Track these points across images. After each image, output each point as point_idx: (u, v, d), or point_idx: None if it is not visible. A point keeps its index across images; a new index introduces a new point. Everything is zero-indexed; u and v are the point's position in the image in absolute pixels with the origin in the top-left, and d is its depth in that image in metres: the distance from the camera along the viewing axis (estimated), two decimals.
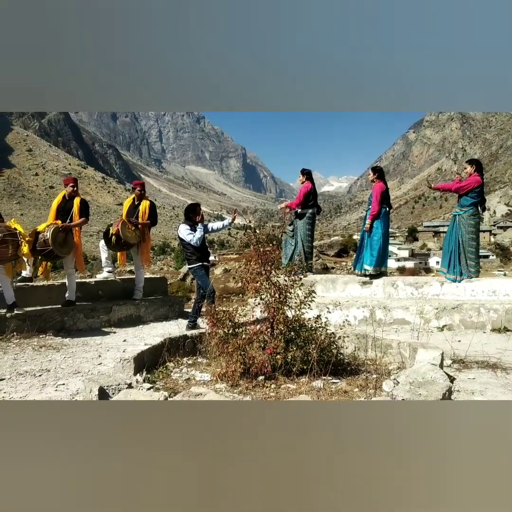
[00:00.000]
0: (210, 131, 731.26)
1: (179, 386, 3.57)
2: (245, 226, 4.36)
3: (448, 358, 4.31)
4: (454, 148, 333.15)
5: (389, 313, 6.58)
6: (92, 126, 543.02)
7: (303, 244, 7.93)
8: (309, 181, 8.10)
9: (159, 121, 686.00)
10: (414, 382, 2.97)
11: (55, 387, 3.97)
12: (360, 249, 7.61)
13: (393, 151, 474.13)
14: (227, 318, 3.99)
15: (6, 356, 5.07)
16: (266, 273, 3.99)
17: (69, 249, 6.57)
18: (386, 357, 4.20)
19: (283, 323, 3.82)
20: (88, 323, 6.83)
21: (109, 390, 3.08)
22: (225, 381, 3.59)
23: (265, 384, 3.54)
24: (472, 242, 6.79)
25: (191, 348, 4.54)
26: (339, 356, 3.91)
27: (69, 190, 6.91)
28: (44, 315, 6.35)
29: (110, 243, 7.43)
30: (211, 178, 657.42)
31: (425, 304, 6.50)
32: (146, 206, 7.81)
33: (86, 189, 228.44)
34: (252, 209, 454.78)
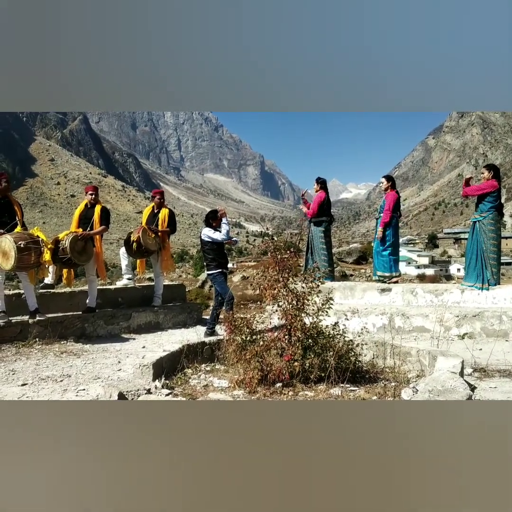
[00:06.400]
0: (228, 139, 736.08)
1: (197, 392, 3.59)
2: (263, 233, 4.36)
3: (469, 367, 4.25)
4: (475, 154, 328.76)
5: (408, 320, 6.51)
6: (112, 135, 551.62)
7: (318, 252, 7.99)
8: (323, 190, 8.15)
9: (178, 129, 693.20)
10: (434, 390, 2.94)
11: (75, 392, 4.03)
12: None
13: (412, 157, 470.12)
14: (245, 325, 4.00)
15: (28, 362, 5.17)
16: (283, 280, 4.00)
17: (88, 257, 6.67)
18: (405, 365, 4.16)
19: (301, 330, 3.81)
20: (108, 329, 6.92)
21: (129, 395, 3.13)
22: (243, 388, 3.60)
23: (283, 391, 3.54)
24: (493, 249, 6.70)
25: (209, 354, 4.56)
26: (357, 363, 3.89)
27: (89, 198, 7.04)
28: (65, 322, 6.46)
29: (131, 250, 7.54)
30: (229, 186, 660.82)
31: (445, 311, 6.41)
32: (165, 214, 7.91)
33: (106, 198, 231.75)
34: (270, 216, 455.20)
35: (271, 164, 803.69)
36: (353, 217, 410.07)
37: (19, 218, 6.24)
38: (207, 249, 6.53)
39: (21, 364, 5.05)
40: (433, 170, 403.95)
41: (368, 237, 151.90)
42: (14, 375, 4.59)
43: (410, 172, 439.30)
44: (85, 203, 7.13)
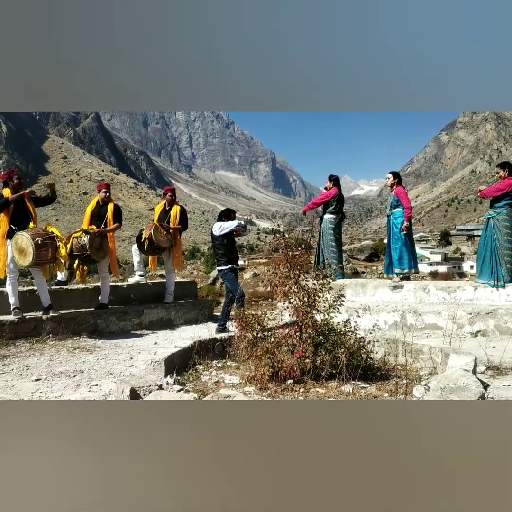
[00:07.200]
0: (240, 136, 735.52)
1: (208, 389, 3.61)
2: (274, 230, 4.38)
3: (482, 364, 4.21)
4: (489, 150, 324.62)
5: (420, 318, 6.47)
6: (124, 133, 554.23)
7: (328, 249, 7.97)
8: (336, 187, 8.16)
9: (189, 127, 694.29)
10: (446, 387, 2.92)
11: (88, 387, 4.07)
12: (389, 253, 7.72)
13: (425, 154, 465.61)
14: (256, 321, 4.01)
15: (42, 357, 5.24)
16: (294, 277, 3.99)
17: (104, 254, 6.75)
18: (417, 362, 4.14)
19: (312, 327, 3.81)
20: (120, 325, 6.98)
21: (140, 391, 3.15)
22: (254, 384, 3.61)
23: (294, 388, 3.54)
24: (508, 245, 6.61)
25: (220, 351, 4.58)
26: (369, 360, 3.87)
27: (102, 195, 7.08)
28: (78, 318, 6.53)
29: (143, 247, 7.59)
30: (241, 183, 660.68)
31: (458, 309, 6.36)
32: (177, 211, 7.94)
33: (118, 195, 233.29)
34: (282, 213, 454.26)
35: (282, 161, 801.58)
36: (365, 214, 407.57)
37: (32, 214, 6.31)
38: (217, 244, 6.56)
39: (35, 360, 5.12)
40: (446, 166, 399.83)
41: (380, 234, 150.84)
42: (28, 371, 4.66)
43: (422, 169, 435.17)
44: (97, 200, 7.18)
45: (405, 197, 7.49)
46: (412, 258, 7.49)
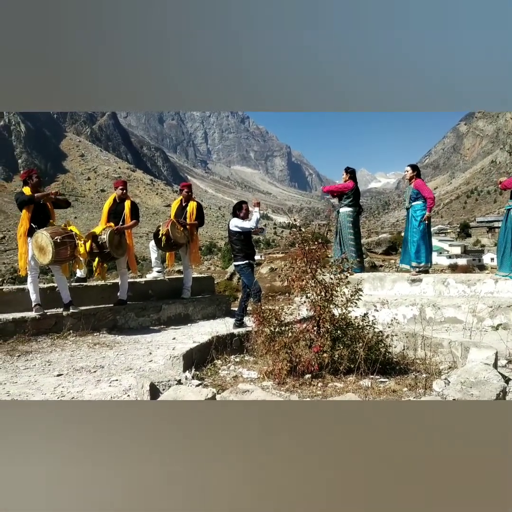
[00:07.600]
0: (255, 131, 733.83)
1: (226, 383, 3.63)
2: (290, 224, 4.36)
3: (503, 358, 4.15)
4: (509, 140, 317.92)
5: (439, 311, 6.40)
6: (140, 130, 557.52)
7: (347, 243, 7.92)
8: (352, 180, 8.08)
9: (204, 122, 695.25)
10: (466, 382, 2.88)
11: (109, 382, 4.13)
12: (406, 245, 7.66)
13: (443, 145, 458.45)
14: (273, 316, 4.00)
15: (63, 353, 5.33)
16: (311, 272, 3.98)
17: (123, 251, 6.83)
18: (437, 356, 4.09)
19: (329, 321, 3.79)
20: (139, 321, 7.05)
21: (160, 386, 3.18)
22: (272, 379, 3.61)
23: (312, 382, 3.53)
24: None
25: (238, 346, 4.59)
26: (387, 355, 3.84)
27: (119, 192, 7.14)
28: (98, 314, 6.62)
29: (160, 243, 7.66)
30: (256, 178, 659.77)
31: (478, 302, 6.26)
32: (193, 207, 7.98)
33: (135, 192, 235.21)
34: (298, 207, 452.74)
35: (298, 155, 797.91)
36: (382, 207, 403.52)
37: (51, 212, 6.40)
38: (234, 240, 6.58)
39: (57, 355, 5.21)
40: (465, 157, 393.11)
41: (397, 227, 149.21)
42: (50, 366, 4.74)
43: (441, 160, 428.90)
44: (114, 197, 7.24)
45: (426, 188, 7.43)
46: (429, 252, 7.43)
